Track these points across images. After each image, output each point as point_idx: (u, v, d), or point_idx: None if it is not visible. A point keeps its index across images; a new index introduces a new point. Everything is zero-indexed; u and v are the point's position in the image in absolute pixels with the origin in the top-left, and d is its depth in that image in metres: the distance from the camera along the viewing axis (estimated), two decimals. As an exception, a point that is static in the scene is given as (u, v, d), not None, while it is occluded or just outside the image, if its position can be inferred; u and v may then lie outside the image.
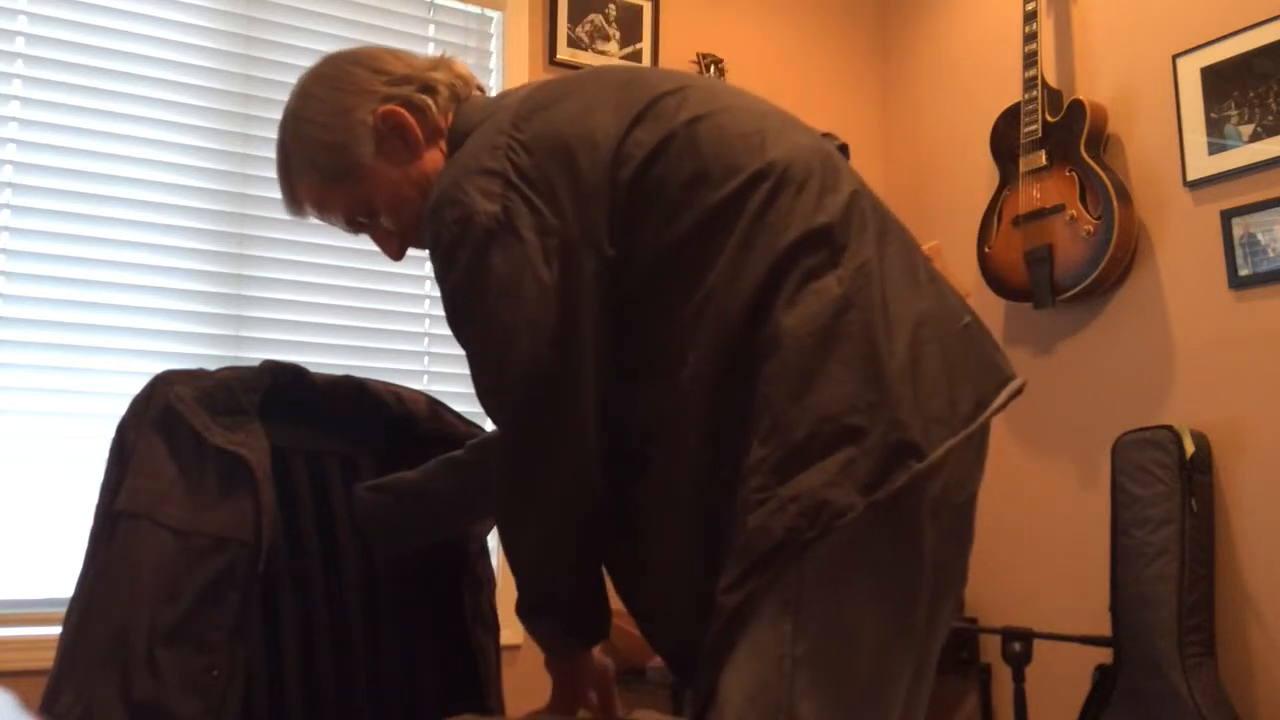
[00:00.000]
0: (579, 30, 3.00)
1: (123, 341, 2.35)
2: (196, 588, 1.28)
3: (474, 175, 1.17)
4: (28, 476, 2.22)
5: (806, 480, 1.03)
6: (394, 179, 1.30)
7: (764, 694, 1.03)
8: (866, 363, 1.06)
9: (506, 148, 1.17)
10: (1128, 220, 2.70)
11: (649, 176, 1.14)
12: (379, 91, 1.29)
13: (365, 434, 1.60)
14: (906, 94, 3.54)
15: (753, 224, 1.11)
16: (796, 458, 1.04)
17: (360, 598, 1.54)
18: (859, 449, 1.03)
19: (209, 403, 1.38)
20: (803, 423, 1.04)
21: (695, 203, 1.13)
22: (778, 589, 1.03)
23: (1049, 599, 2.90)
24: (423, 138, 1.30)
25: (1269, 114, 2.50)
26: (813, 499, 1.02)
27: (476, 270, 1.14)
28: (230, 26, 2.57)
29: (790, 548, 1.02)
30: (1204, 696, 2.34)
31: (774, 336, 1.07)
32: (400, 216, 1.32)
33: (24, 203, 2.29)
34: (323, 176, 1.32)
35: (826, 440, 1.04)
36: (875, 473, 1.03)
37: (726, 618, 1.05)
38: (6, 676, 2.06)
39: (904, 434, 1.04)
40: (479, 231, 1.14)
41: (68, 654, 1.29)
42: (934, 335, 1.11)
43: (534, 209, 1.14)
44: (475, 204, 1.14)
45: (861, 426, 1.04)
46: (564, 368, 1.13)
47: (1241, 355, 2.53)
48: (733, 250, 1.11)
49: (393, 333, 2.68)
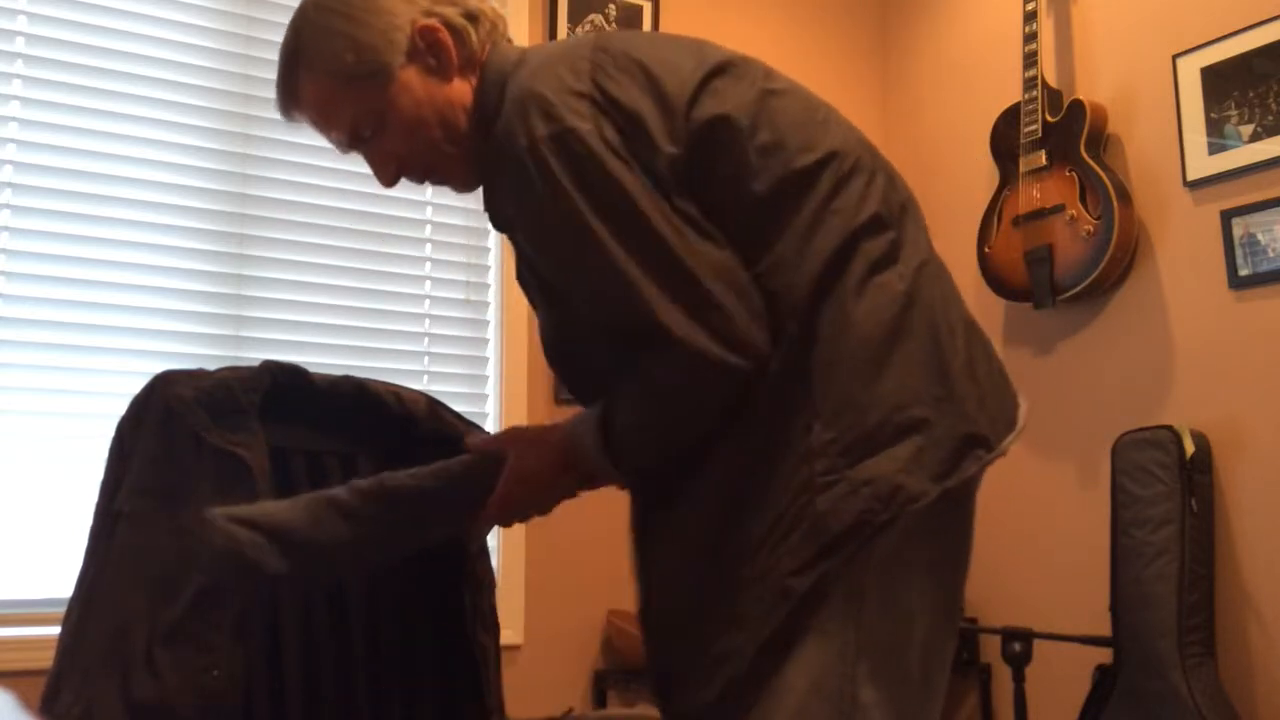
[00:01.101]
0: (579, 30, 3.00)
1: (123, 341, 2.35)
2: (196, 587, 1.28)
3: (560, 96, 1.12)
4: (28, 476, 2.22)
5: (878, 465, 1.06)
6: (418, 97, 1.21)
7: (828, 682, 1.04)
8: (932, 359, 1.10)
9: (591, 83, 1.13)
10: (1128, 220, 2.70)
11: (724, 126, 1.13)
12: (420, 3, 1.22)
13: (365, 434, 1.60)
14: (906, 94, 3.54)
15: (824, 203, 1.13)
16: (867, 443, 1.06)
17: (360, 598, 1.54)
18: (926, 439, 1.07)
19: (208, 403, 1.38)
20: (873, 410, 1.07)
21: (772, 168, 1.13)
22: (846, 574, 1.05)
23: (1049, 599, 2.90)
24: (457, 63, 1.22)
25: (1269, 114, 2.50)
26: (887, 484, 1.05)
27: (584, 194, 1.09)
28: (230, 26, 2.57)
29: (863, 532, 1.04)
30: (1204, 696, 2.34)
31: (840, 322, 1.10)
32: (411, 138, 1.23)
33: (24, 203, 2.29)
34: (339, 76, 1.21)
35: (897, 428, 1.07)
36: (946, 462, 1.07)
37: (796, 602, 1.05)
38: (6, 676, 2.06)
39: (972, 427, 1.10)
40: (580, 153, 1.09)
41: (68, 654, 1.29)
42: (979, 340, 1.18)
43: (622, 131, 1.11)
44: (568, 120, 1.10)
45: (928, 418, 1.08)
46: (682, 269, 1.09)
47: (1241, 355, 2.53)
48: (804, 225, 1.12)
49: (393, 333, 2.68)
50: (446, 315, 2.76)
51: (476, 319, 2.81)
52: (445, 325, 2.76)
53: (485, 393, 2.79)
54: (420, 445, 1.61)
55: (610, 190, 1.09)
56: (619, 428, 1.15)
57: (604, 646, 2.77)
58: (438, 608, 1.61)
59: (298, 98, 1.26)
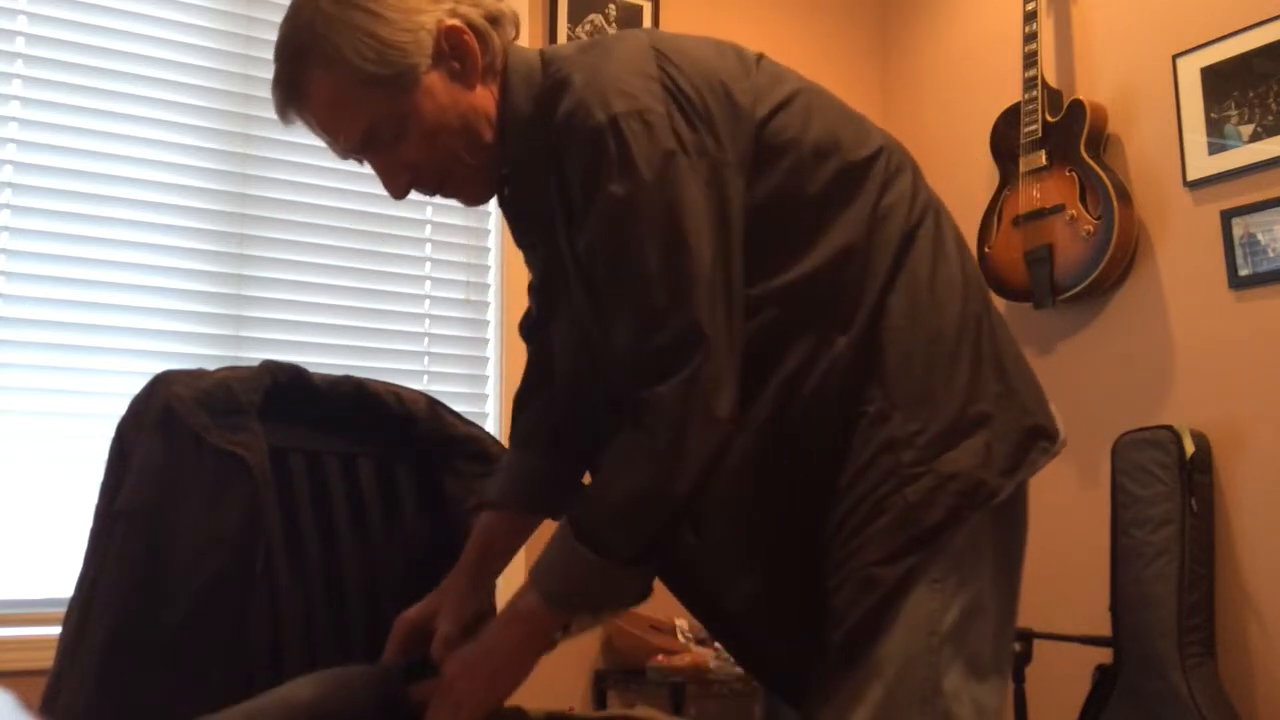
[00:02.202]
0: (579, 30, 3.00)
1: (123, 341, 2.35)
2: (196, 587, 1.28)
3: (632, 80, 1.08)
4: (28, 476, 2.22)
5: (959, 460, 1.08)
6: (442, 103, 1.13)
7: (915, 669, 1.06)
8: (990, 353, 1.14)
9: (659, 71, 1.09)
10: (1128, 220, 2.70)
11: (778, 123, 1.14)
12: (445, 3, 1.13)
13: (365, 434, 1.59)
14: (906, 94, 3.54)
15: (879, 195, 1.15)
16: (948, 436, 1.09)
17: (361, 598, 1.54)
18: (992, 434, 1.10)
19: (208, 403, 1.37)
20: (949, 404, 1.10)
21: (830, 162, 1.14)
22: (931, 565, 1.07)
23: (1049, 599, 2.89)
24: (480, 68, 1.15)
25: (1269, 114, 2.50)
26: (970, 479, 1.08)
27: (661, 174, 1.05)
28: (230, 26, 2.57)
29: (951, 525, 1.07)
30: (1204, 696, 2.34)
31: (912, 314, 1.12)
32: (431, 147, 1.15)
33: (24, 203, 2.29)
34: (358, 75, 1.11)
35: (970, 423, 1.10)
36: (1013, 456, 1.10)
37: (884, 592, 1.06)
38: (6, 676, 2.06)
39: (1034, 419, 1.14)
40: (661, 134, 1.05)
41: (68, 654, 1.29)
42: (1008, 335, 1.21)
43: (694, 127, 1.08)
44: (645, 100, 1.06)
45: (991, 413, 1.11)
46: (726, 291, 1.07)
47: (1241, 355, 2.53)
48: (865, 217, 1.14)
49: (393, 333, 2.68)
50: (446, 315, 2.76)
51: (476, 319, 2.81)
52: (445, 325, 2.76)
53: (485, 393, 2.79)
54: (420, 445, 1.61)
55: (684, 185, 1.06)
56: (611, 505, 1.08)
57: (604, 646, 2.77)
58: (438, 608, 1.61)
59: (305, 96, 1.16)
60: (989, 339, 1.15)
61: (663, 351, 1.04)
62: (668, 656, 2.52)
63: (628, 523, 1.07)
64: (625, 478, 1.06)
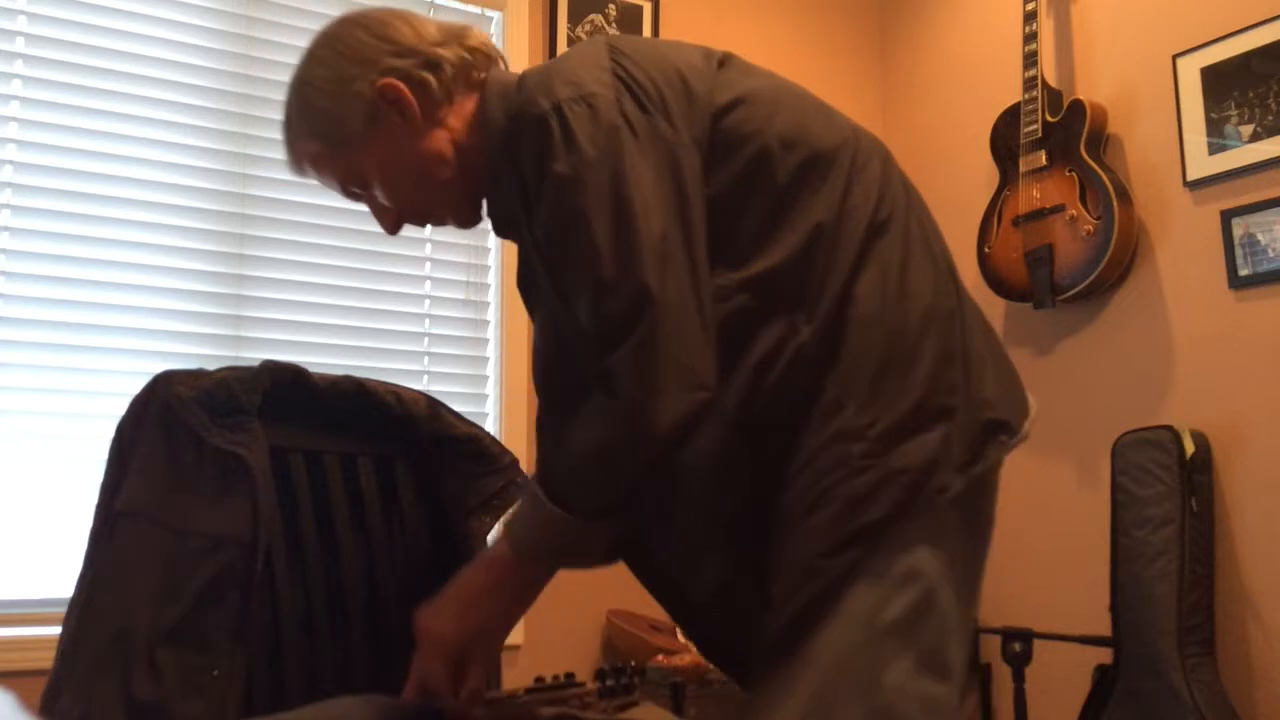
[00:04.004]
0: (579, 30, 3.00)
1: (123, 341, 2.35)
2: (196, 587, 1.28)
3: (579, 69, 1.13)
4: (28, 476, 2.22)
5: (910, 454, 1.07)
6: (389, 155, 1.25)
7: (853, 660, 1.05)
8: (956, 346, 1.13)
9: (610, 61, 1.15)
10: (1128, 220, 2.70)
11: (740, 114, 1.15)
12: (380, 63, 1.23)
13: (365, 434, 1.59)
14: (906, 94, 3.54)
15: (848, 185, 1.15)
16: (902, 430, 1.08)
17: (361, 597, 1.54)
18: (952, 427, 1.09)
19: (208, 403, 1.38)
20: (906, 396, 1.09)
21: (797, 150, 1.15)
22: (874, 558, 1.06)
23: (1049, 599, 2.90)
24: (420, 115, 1.24)
25: (1269, 114, 2.50)
26: (920, 473, 1.06)
27: (606, 149, 1.09)
28: (230, 26, 2.57)
29: (896, 520, 1.06)
30: (1204, 696, 2.34)
31: (875, 306, 1.12)
32: (394, 192, 1.27)
33: (24, 203, 2.29)
34: (320, 142, 1.26)
35: (928, 416, 1.09)
36: (970, 450, 1.09)
37: (825, 583, 1.06)
38: (6, 676, 2.06)
39: (993, 412, 1.12)
40: (605, 113, 1.10)
41: (68, 654, 1.29)
42: (985, 325, 1.22)
43: (645, 110, 1.12)
44: (592, 86, 1.11)
45: (954, 407, 1.10)
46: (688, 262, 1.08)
47: (1241, 355, 2.53)
48: (833, 207, 1.14)
49: (393, 333, 2.68)
50: (446, 315, 2.76)
51: (476, 319, 2.81)
52: (445, 325, 2.76)
53: (485, 393, 2.79)
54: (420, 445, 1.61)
55: (628, 159, 1.09)
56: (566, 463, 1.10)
57: (604, 646, 2.77)
58: (438, 608, 1.61)
59: (298, 159, 1.32)
60: (961, 333, 1.15)
61: (615, 319, 1.06)
62: (668, 656, 2.52)
63: (589, 478, 1.09)
64: (587, 435, 1.09)
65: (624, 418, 1.06)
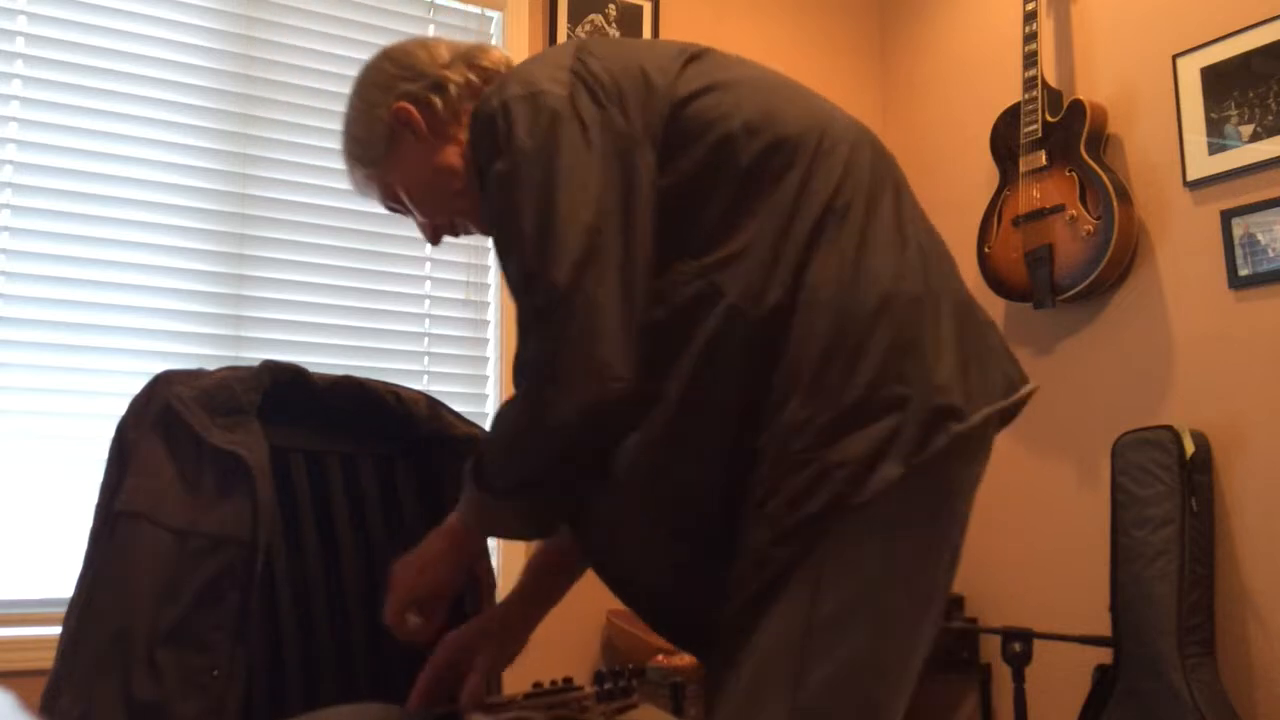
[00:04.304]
0: (579, 30, 3.00)
1: (123, 341, 2.35)
2: (196, 587, 1.28)
3: (539, 69, 1.20)
4: (28, 476, 2.22)
5: (851, 448, 1.04)
6: (408, 171, 1.38)
7: (778, 657, 1.04)
8: (915, 334, 1.09)
9: (574, 60, 1.20)
10: (1128, 220, 2.70)
11: (706, 101, 1.17)
12: (395, 88, 1.37)
13: (365, 434, 1.60)
14: (906, 94, 3.54)
15: (809, 169, 1.14)
16: (843, 422, 1.05)
17: (361, 598, 1.54)
18: (904, 415, 1.05)
19: (208, 403, 1.38)
20: (852, 388, 1.06)
21: (761, 137, 1.15)
22: (812, 554, 1.04)
23: (1049, 599, 2.90)
24: (429, 133, 1.36)
25: (1269, 114, 2.50)
26: (859, 465, 1.04)
27: (542, 145, 1.13)
28: (230, 26, 2.57)
29: (833, 514, 1.03)
30: (1204, 696, 2.34)
31: (823, 295, 1.09)
32: (420, 205, 1.40)
33: (24, 203, 2.29)
34: (360, 165, 1.42)
35: (875, 407, 1.05)
36: (918, 439, 1.05)
37: (771, 574, 1.05)
38: (6, 676, 2.06)
39: (945, 398, 1.07)
40: (547, 109, 1.15)
41: (67, 654, 1.29)
42: (970, 313, 1.16)
43: (600, 104, 1.16)
44: (543, 85, 1.17)
45: (908, 396, 1.06)
46: (620, 254, 1.11)
47: (1241, 355, 2.53)
48: (791, 193, 1.13)
49: (393, 333, 2.68)
50: (446, 315, 2.77)
51: (476, 319, 2.81)
52: (445, 325, 2.76)
53: (485, 393, 2.79)
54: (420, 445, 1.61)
55: (564, 153, 1.13)
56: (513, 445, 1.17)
57: (604, 646, 2.77)
58: (438, 608, 1.60)
59: (356, 185, 1.47)
60: (926, 319, 1.10)
61: (534, 310, 1.11)
62: (667, 656, 2.52)
63: (501, 460, 1.18)
64: (502, 422, 1.17)
65: (529, 407, 1.12)
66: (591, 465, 1.15)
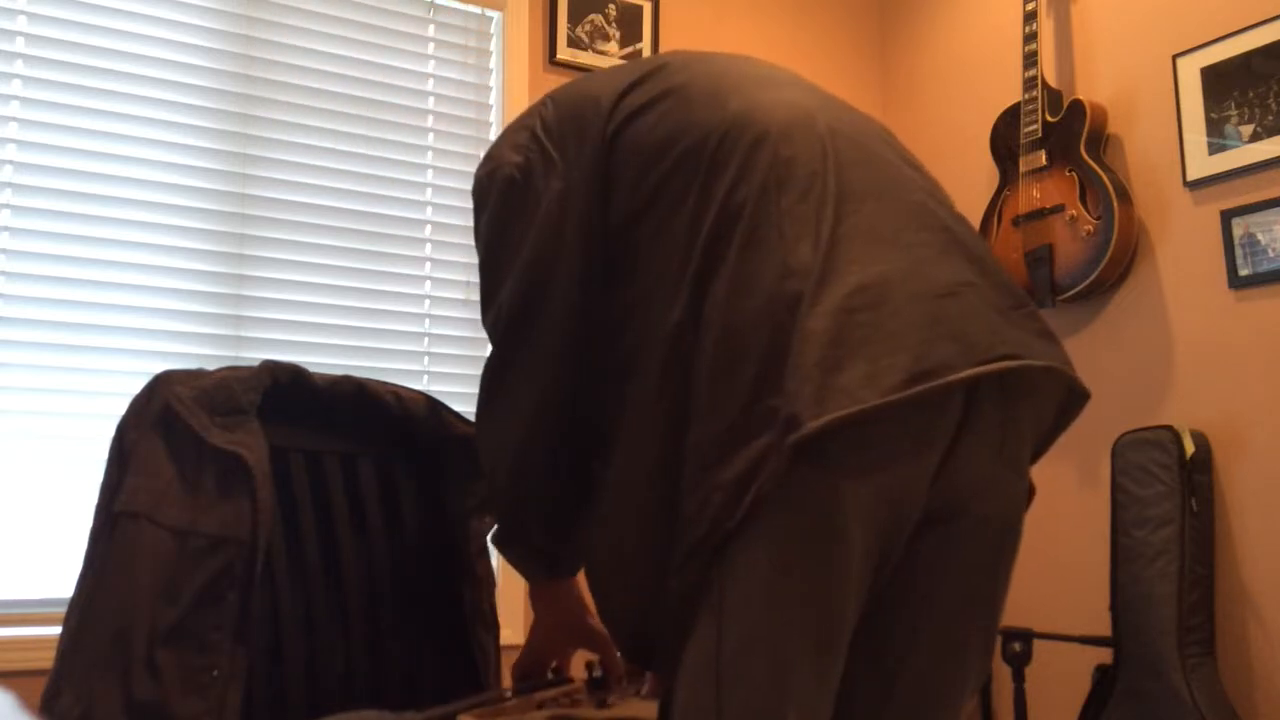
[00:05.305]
0: (579, 30, 3.00)
1: (123, 341, 2.35)
2: (196, 587, 1.28)
3: (511, 134, 1.34)
4: (28, 476, 2.22)
5: (726, 470, 0.99)
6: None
7: (699, 692, 1.01)
8: (781, 341, 0.99)
9: (539, 108, 1.33)
10: (1128, 220, 2.70)
11: (633, 129, 1.20)
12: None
13: (365, 434, 1.60)
14: (906, 94, 3.54)
15: (708, 178, 1.12)
16: (725, 443, 1.00)
17: (360, 597, 1.54)
18: (774, 433, 0.97)
19: (208, 403, 1.38)
20: (730, 406, 1.01)
21: (669, 156, 1.16)
22: (709, 581, 1.01)
23: (1049, 599, 2.90)
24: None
25: (1269, 114, 2.50)
26: (734, 488, 0.98)
27: (497, 211, 1.30)
28: (230, 27, 2.57)
29: (714, 539, 1.00)
30: (1204, 696, 2.34)
31: (713, 312, 1.05)
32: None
33: (24, 203, 2.29)
34: None
35: (755, 422, 0.98)
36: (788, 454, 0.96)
37: (680, 601, 1.04)
38: (6, 676, 2.06)
39: (792, 407, 0.96)
40: (502, 181, 1.30)
41: (68, 654, 1.29)
42: (870, 303, 1.00)
43: (548, 158, 1.26)
44: (504, 157, 1.31)
45: (776, 408, 0.97)
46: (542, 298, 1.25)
47: (1241, 355, 2.53)
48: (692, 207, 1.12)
49: (393, 333, 2.68)
50: (446, 315, 2.77)
51: (477, 319, 2.81)
52: (445, 325, 2.76)
53: (485, 393, 2.79)
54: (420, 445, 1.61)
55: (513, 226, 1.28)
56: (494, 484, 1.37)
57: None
58: (437, 607, 1.61)
59: None
60: (802, 319, 0.98)
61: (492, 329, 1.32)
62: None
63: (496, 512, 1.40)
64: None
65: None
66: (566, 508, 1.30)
